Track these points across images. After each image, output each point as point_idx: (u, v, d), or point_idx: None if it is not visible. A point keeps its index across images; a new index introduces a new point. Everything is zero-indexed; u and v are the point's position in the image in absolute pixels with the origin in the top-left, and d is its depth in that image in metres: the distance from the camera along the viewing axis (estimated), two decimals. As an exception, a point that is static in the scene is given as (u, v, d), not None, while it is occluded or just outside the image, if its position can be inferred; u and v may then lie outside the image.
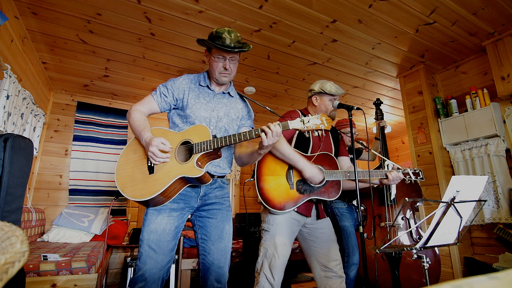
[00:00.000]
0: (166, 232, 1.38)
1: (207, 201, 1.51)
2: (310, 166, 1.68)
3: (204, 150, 1.34)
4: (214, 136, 1.38)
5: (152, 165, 1.38)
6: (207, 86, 1.56)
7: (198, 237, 1.50)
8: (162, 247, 1.36)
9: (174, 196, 1.41)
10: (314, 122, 1.33)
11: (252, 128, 1.65)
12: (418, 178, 1.78)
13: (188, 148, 1.41)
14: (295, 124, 1.33)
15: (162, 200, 1.38)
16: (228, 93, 1.61)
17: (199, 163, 1.35)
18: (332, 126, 2.10)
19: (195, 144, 1.37)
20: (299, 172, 1.71)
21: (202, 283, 1.46)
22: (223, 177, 1.58)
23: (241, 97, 1.69)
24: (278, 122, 1.34)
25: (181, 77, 1.57)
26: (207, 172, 1.43)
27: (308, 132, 1.45)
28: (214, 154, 1.41)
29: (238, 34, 1.48)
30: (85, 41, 2.91)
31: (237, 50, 1.45)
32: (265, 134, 1.30)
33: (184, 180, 1.39)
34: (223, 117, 1.55)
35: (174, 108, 1.56)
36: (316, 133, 1.92)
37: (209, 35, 1.49)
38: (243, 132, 1.33)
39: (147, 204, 1.39)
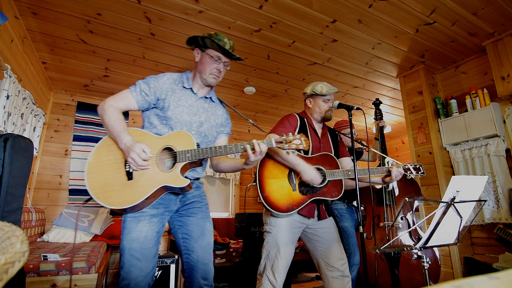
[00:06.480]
0: (148, 239, 1.33)
1: (186, 201, 1.49)
2: (309, 169, 1.68)
3: (188, 160, 1.32)
4: (198, 145, 1.36)
5: (131, 170, 1.30)
6: (190, 89, 1.52)
7: (179, 237, 1.47)
8: (145, 254, 1.32)
9: (153, 202, 1.37)
10: (296, 142, 1.39)
11: (228, 134, 1.68)
12: (419, 173, 1.78)
13: (170, 155, 1.36)
14: (278, 143, 1.38)
15: (141, 208, 1.34)
16: (210, 98, 1.58)
17: (182, 172, 1.33)
18: (329, 127, 2.10)
19: (179, 152, 1.33)
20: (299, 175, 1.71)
21: (189, 282, 1.44)
22: (197, 179, 1.57)
23: (221, 102, 1.67)
24: (265, 139, 1.38)
25: (164, 76, 1.50)
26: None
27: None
28: (197, 162, 1.41)
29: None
30: (85, 41, 2.91)
31: (235, 58, 1.49)
32: (252, 151, 1.33)
33: (165, 188, 1.35)
34: (204, 123, 1.52)
35: (153, 108, 1.48)
36: (313, 132, 1.91)
37: (207, 34, 1.49)
38: (229, 146, 1.36)
39: (124, 211, 1.33)
